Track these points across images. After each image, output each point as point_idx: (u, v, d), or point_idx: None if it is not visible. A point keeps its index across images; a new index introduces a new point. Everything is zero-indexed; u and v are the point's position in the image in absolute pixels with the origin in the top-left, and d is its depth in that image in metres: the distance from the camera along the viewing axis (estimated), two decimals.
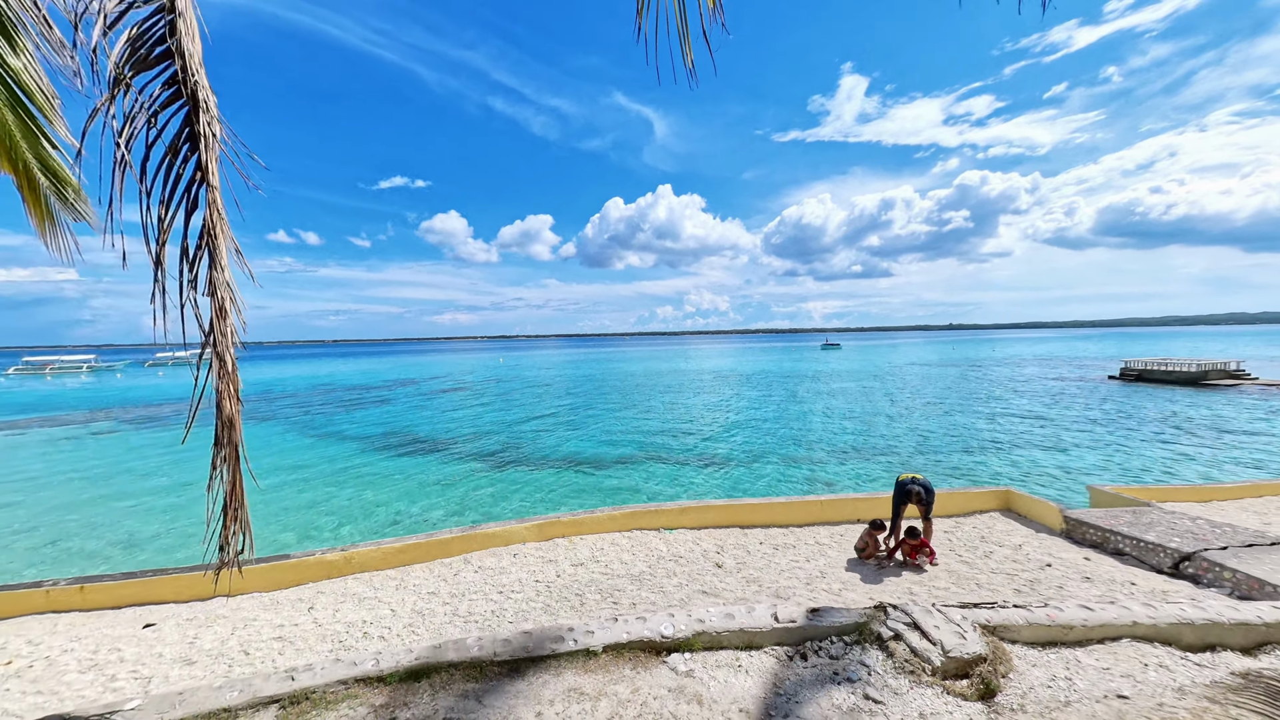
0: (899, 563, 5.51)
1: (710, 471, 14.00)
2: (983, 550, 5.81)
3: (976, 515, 7.00)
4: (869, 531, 5.60)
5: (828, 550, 6.00)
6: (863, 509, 6.98)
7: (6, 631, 5.00)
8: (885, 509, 6.47)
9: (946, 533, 6.38)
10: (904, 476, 5.72)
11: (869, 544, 5.59)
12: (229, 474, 2.07)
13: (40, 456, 18.14)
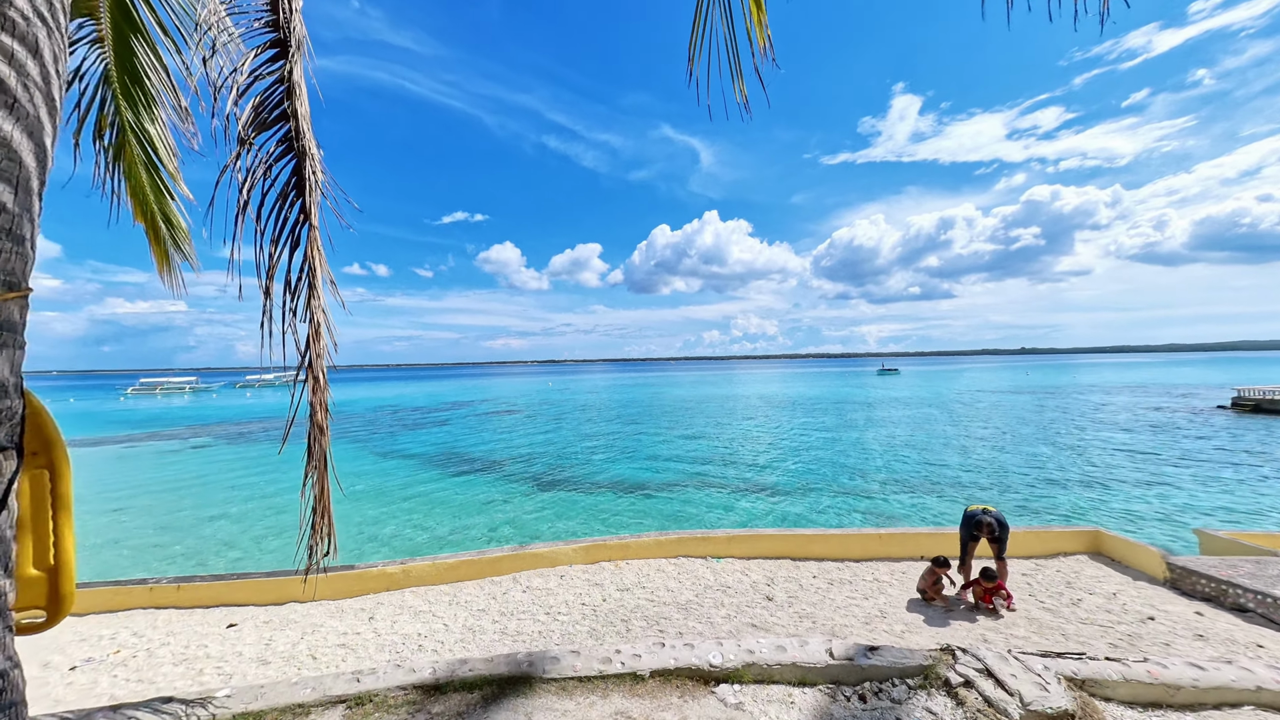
0: (969, 605, 5.08)
1: (759, 499, 13.56)
2: (1069, 597, 5.25)
3: (1060, 558, 6.35)
4: (933, 569, 5.22)
5: (888, 588, 5.63)
6: (926, 545, 6.52)
7: (116, 623, 5.58)
8: (952, 546, 6.01)
9: (1024, 575, 5.82)
10: (973, 508, 5.31)
11: (933, 583, 5.20)
12: (318, 481, 2.29)
13: (150, 467, 20.35)
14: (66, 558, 1.58)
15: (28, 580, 1.52)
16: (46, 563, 1.55)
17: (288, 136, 2.56)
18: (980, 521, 5.10)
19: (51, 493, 1.52)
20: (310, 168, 2.48)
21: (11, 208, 1.43)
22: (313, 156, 2.49)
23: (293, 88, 2.51)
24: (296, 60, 2.50)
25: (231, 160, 2.43)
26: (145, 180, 3.68)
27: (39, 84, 1.54)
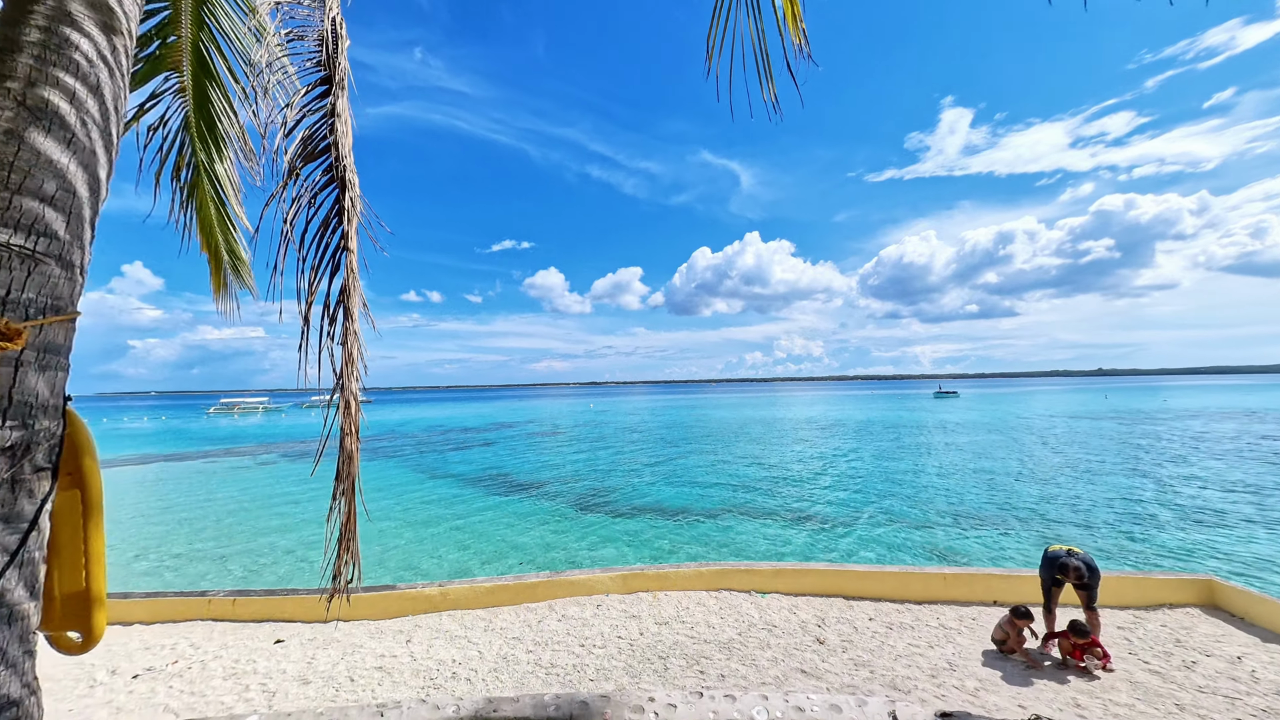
0: (1057, 663, 4.44)
1: (806, 530, 12.81)
2: (1181, 659, 4.50)
3: (1165, 610, 5.51)
4: (1011, 620, 4.63)
5: (956, 636, 5.04)
6: (999, 588, 5.85)
7: (178, 634, 5.85)
8: (1028, 590, 5.35)
9: (1122, 629, 5.07)
10: (1055, 548, 4.71)
11: (1011, 635, 4.60)
12: (345, 506, 2.27)
13: (222, 482, 21.89)
14: (98, 579, 1.59)
15: (58, 601, 1.53)
16: (78, 584, 1.56)
17: (331, 167, 2.66)
18: (1065, 565, 4.49)
19: (84, 514, 1.54)
20: (349, 196, 2.56)
21: (63, 235, 1.50)
22: (351, 185, 2.57)
23: (337, 120, 2.62)
24: (340, 94, 2.61)
25: (279, 189, 2.54)
26: (213, 215, 3.97)
27: (97, 121, 1.63)
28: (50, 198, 1.45)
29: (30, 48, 1.48)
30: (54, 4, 1.55)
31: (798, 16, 1.82)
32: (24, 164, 1.40)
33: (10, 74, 1.43)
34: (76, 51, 1.56)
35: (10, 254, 1.35)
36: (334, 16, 2.72)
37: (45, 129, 1.46)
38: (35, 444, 1.37)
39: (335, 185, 2.58)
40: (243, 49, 3.83)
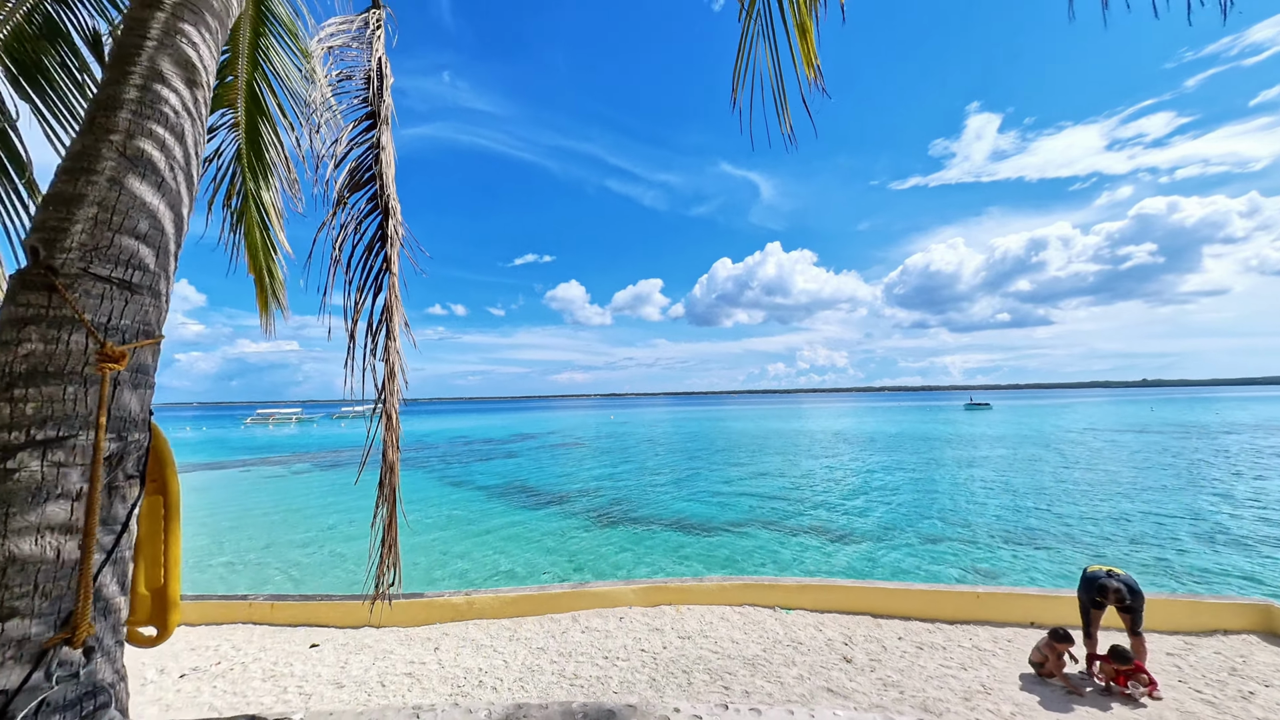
0: (1100, 689, 4.27)
1: (833, 545, 12.55)
2: (1236, 688, 4.26)
3: (1219, 636, 5.23)
4: (1050, 643, 4.47)
5: (990, 659, 4.89)
6: (1037, 609, 5.64)
7: (220, 636, 6.11)
8: (1067, 612, 5.15)
9: (1170, 656, 4.84)
10: (1094, 568, 4.55)
11: (1050, 658, 4.44)
12: (387, 514, 2.41)
13: (258, 489, 22.71)
14: (174, 578, 1.74)
15: (141, 598, 1.69)
16: (157, 582, 1.71)
17: (375, 195, 2.85)
18: (1105, 586, 4.33)
19: (164, 517, 1.70)
20: (392, 222, 2.74)
21: (153, 268, 1.68)
22: (394, 212, 2.75)
23: (380, 152, 2.82)
24: (385, 129, 2.82)
25: (329, 217, 2.74)
26: (259, 239, 4.27)
27: (181, 165, 1.82)
28: (143, 235, 1.64)
29: (129, 104, 1.69)
30: (148, 65, 1.76)
31: (812, 52, 1.92)
32: (123, 206, 1.59)
33: (114, 128, 1.64)
34: (166, 105, 1.77)
35: (112, 286, 1.53)
36: (380, 58, 2.94)
37: (140, 175, 1.65)
38: (127, 454, 1.54)
39: (379, 212, 2.78)
40: (293, 87, 4.14)
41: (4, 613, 1.23)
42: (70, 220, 1.51)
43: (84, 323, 1.44)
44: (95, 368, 1.43)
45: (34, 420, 1.35)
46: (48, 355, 1.40)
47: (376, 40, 3.03)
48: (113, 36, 3.08)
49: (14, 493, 1.29)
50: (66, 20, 2.99)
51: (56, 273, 1.44)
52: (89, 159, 1.58)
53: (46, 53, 2.96)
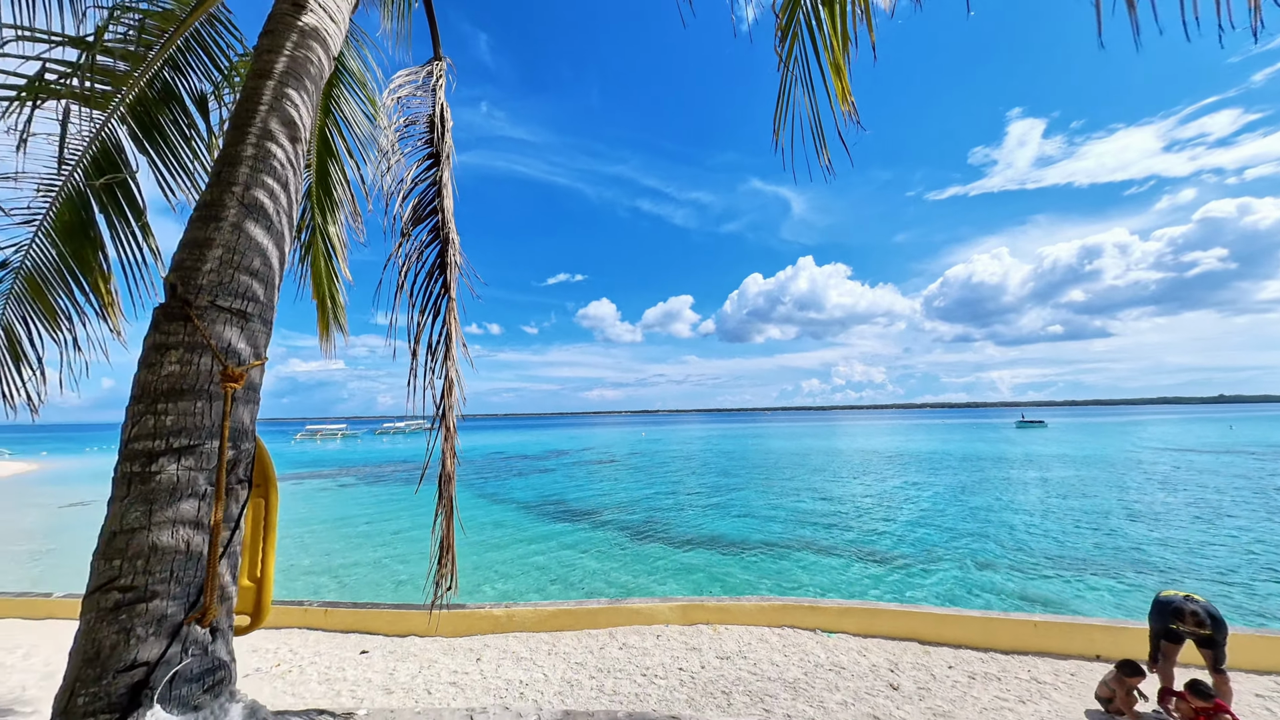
0: None
1: (875, 567, 12.08)
2: None
3: None
4: (1118, 677, 4.19)
5: (1051, 691, 4.62)
6: (1102, 641, 5.29)
7: (279, 639, 6.46)
8: (1136, 645, 4.82)
9: (1260, 697, 4.44)
10: (1169, 593, 4.25)
11: (1118, 693, 4.16)
12: (445, 523, 2.59)
13: (308, 502, 23.84)
14: (269, 573, 1.95)
15: (243, 588, 1.90)
16: (256, 576, 1.93)
17: (435, 227, 3.13)
18: (1181, 609, 4.02)
19: (264, 518, 1.93)
20: (451, 251, 3.00)
21: (263, 299, 1.94)
22: (453, 242, 3.01)
23: (441, 189, 3.10)
24: (445, 168, 3.10)
25: (396, 248, 3.02)
26: (323, 268, 4.67)
27: (285, 210, 2.10)
28: (256, 272, 1.90)
29: (246, 160, 1.98)
30: (261, 125, 2.06)
31: (846, 90, 2.04)
32: (241, 247, 1.86)
33: (235, 181, 1.92)
34: (274, 159, 2.05)
35: (232, 316, 1.79)
36: (441, 105, 3.26)
37: (255, 220, 1.93)
38: (240, 460, 1.77)
39: (440, 242, 3.04)
40: (359, 131, 4.56)
41: (147, 595, 1.44)
42: (202, 261, 1.78)
43: (211, 347, 1.69)
44: (219, 386, 1.67)
45: (172, 430, 1.59)
46: (183, 375, 1.65)
47: (438, 89, 3.35)
48: (216, 98, 3.53)
49: (156, 492, 1.52)
50: (179, 85, 3.46)
51: (191, 305, 1.70)
52: (216, 208, 1.86)
53: (162, 113, 3.42)
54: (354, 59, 4.24)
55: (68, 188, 3.36)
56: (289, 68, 2.19)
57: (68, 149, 3.17)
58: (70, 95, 3.09)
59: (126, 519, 1.49)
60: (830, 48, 2.01)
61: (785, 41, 2.05)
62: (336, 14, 2.48)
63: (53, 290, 3.54)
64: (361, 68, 4.31)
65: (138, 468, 1.54)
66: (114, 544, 1.47)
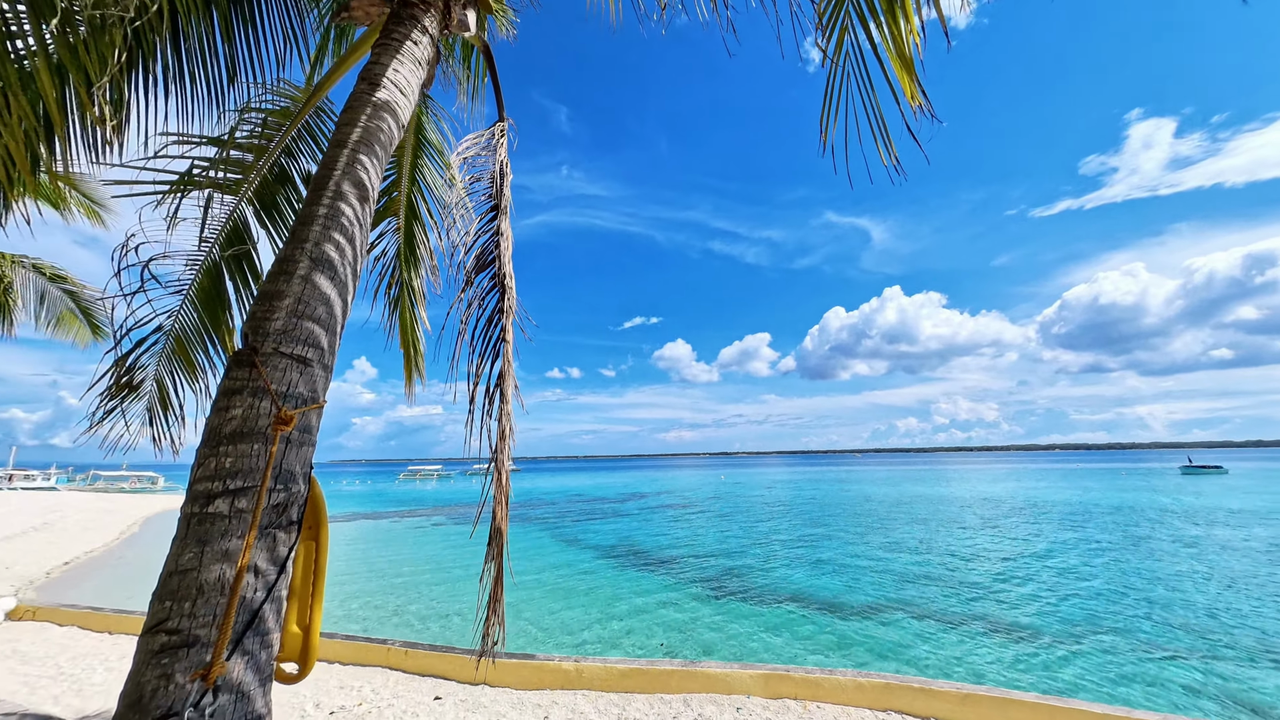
0: None
1: (1006, 645, 10.13)
2: None
3: None
4: None
5: None
6: None
7: (362, 677, 6.68)
8: None
9: None
10: None
11: None
12: (494, 569, 2.49)
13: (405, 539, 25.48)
14: (317, 619, 1.94)
15: (291, 635, 1.90)
16: (305, 621, 1.93)
17: (495, 275, 3.24)
18: None
19: (315, 562, 1.94)
20: (508, 298, 3.06)
21: (324, 346, 2.04)
22: (509, 288, 3.08)
23: (500, 237, 3.23)
24: (504, 218, 3.24)
25: (460, 294, 3.15)
26: (408, 319, 5.05)
27: (351, 263, 2.25)
28: (320, 319, 2.01)
29: (319, 219, 2.15)
30: (334, 188, 2.25)
31: (914, 81, 1.80)
32: (308, 297, 1.99)
33: (306, 238, 2.08)
34: (344, 217, 2.22)
35: (293, 361, 1.88)
36: (501, 160, 3.46)
37: (322, 272, 2.06)
38: (290, 503, 1.80)
39: (498, 288, 3.13)
40: (438, 194, 5.01)
41: (190, 639, 1.45)
42: (273, 311, 1.91)
43: (270, 391, 1.78)
44: (272, 428, 1.74)
45: (229, 472, 1.65)
46: (245, 419, 1.74)
47: (500, 146, 3.58)
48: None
49: (210, 532, 1.57)
50: (292, 168, 4.03)
51: (258, 352, 1.82)
52: (289, 263, 2.02)
53: (279, 193, 3.99)
54: (434, 131, 4.72)
55: (207, 261, 3.97)
56: (362, 136, 2.42)
57: (207, 229, 3.76)
58: (211, 185, 3.70)
59: (181, 560, 1.54)
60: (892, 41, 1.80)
61: (829, 34, 1.87)
62: (406, 88, 2.73)
63: (192, 347, 4.14)
64: (441, 140, 4.78)
65: (197, 509, 1.61)
66: (168, 585, 1.52)
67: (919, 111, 1.78)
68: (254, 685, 1.55)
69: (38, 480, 53.74)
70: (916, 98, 1.79)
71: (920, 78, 1.76)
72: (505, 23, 4.57)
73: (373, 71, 2.65)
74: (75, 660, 7.16)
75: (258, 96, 3.68)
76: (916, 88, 1.78)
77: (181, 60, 3.18)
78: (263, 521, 1.68)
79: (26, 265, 8.09)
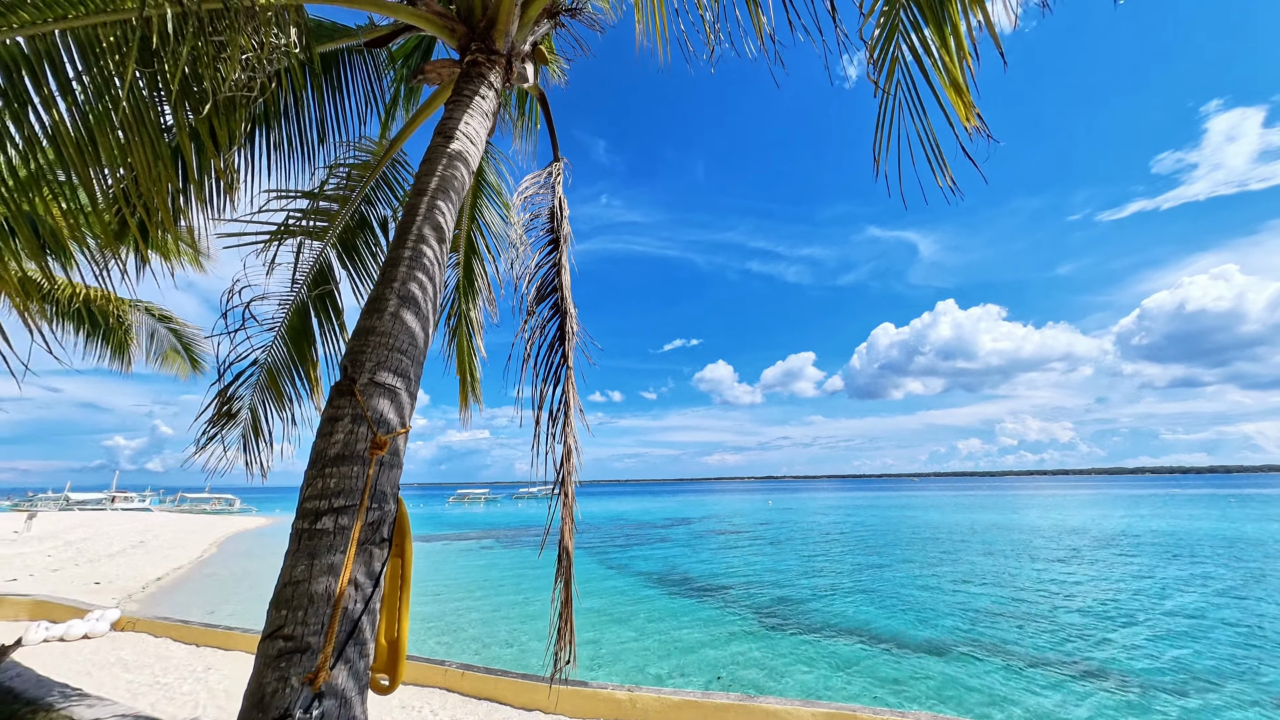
0: None
1: (1096, 690, 9.09)
2: None
3: None
4: None
5: None
6: None
7: (422, 698, 6.83)
8: None
9: None
10: None
11: None
12: (564, 591, 2.55)
13: (456, 561, 26.08)
14: (404, 633, 2.06)
15: (380, 648, 2.02)
16: (393, 635, 2.05)
17: (556, 304, 3.41)
18: None
19: (401, 578, 2.07)
20: (569, 324, 3.21)
21: (410, 375, 2.22)
22: (571, 315, 3.23)
23: (560, 269, 3.40)
24: (564, 251, 3.42)
25: (523, 324, 3.33)
26: (465, 347, 5.34)
27: (432, 298, 2.45)
28: (406, 351, 2.20)
29: (405, 260, 2.37)
30: (417, 232, 2.48)
31: (969, 105, 1.81)
32: (396, 331, 2.18)
33: (394, 278, 2.30)
34: (425, 258, 2.44)
35: (384, 390, 2.06)
36: (559, 197, 3.68)
37: (408, 308, 2.26)
38: (383, 521, 1.95)
39: (559, 316, 3.29)
40: (496, 230, 5.33)
41: (303, 645, 1.59)
42: (367, 346, 2.12)
43: (367, 418, 1.96)
44: (369, 452, 1.90)
45: (334, 492, 1.82)
46: (346, 443, 1.92)
47: (557, 184, 3.81)
48: (394, 220, 4.44)
49: (318, 547, 1.72)
50: (370, 214, 4.45)
51: (355, 382, 2.01)
52: (380, 302, 2.24)
53: (359, 237, 4.39)
54: (492, 174, 5.08)
55: (296, 300, 4.40)
56: (439, 185, 2.67)
57: (299, 272, 4.19)
58: (303, 233, 4.14)
59: (294, 572, 1.70)
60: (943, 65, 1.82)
61: (880, 65, 1.91)
62: (476, 138, 2.99)
63: (282, 379, 4.56)
64: (498, 180, 5.14)
65: (307, 525, 1.77)
66: (283, 594, 1.67)
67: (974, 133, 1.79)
68: (354, 692, 1.67)
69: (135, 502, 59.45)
70: (971, 120, 1.80)
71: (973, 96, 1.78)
72: (557, 70, 4.92)
73: (447, 126, 2.92)
74: (168, 670, 7.75)
75: (343, 153, 4.12)
76: (971, 111, 1.79)
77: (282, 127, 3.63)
78: (360, 538, 1.83)
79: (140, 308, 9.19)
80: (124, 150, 2.28)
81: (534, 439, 2.87)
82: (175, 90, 2.22)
